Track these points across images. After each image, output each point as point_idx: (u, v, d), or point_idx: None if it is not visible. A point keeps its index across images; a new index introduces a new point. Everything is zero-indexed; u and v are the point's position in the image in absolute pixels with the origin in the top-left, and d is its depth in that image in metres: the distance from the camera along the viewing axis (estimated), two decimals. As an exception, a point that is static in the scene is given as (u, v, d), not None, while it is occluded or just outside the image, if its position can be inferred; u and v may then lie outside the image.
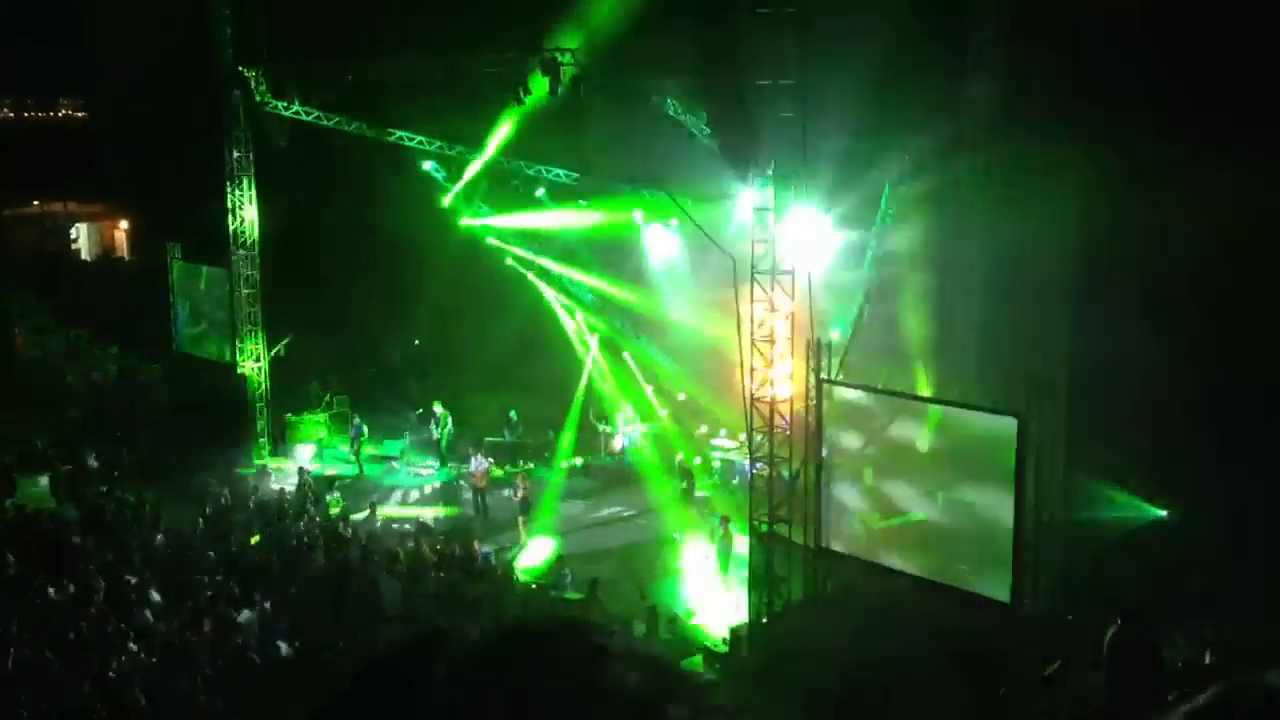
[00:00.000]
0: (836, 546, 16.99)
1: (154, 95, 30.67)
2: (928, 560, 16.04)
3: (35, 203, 44.69)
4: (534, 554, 21.81)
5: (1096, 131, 17.14)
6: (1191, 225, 15.65)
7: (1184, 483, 16.82)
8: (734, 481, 23.39)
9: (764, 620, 17.35)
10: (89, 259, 46.66)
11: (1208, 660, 13.77)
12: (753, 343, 17.05)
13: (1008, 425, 14.76)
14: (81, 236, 47.29)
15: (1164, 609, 14.65)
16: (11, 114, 47.75)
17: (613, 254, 26.91)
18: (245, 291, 27.14)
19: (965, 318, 20.78)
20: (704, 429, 25.41)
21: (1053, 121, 18.15)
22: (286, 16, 25.63)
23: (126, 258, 45.46)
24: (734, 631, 17.78)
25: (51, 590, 17.60)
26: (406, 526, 22.70)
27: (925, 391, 19.44)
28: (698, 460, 24.10)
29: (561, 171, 26.26)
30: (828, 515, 17.00)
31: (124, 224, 46.35)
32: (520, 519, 22.56)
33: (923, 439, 16.03)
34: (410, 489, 25.86)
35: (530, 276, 28.09)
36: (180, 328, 29.13)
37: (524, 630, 1.43)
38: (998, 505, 15.06)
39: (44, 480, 24.17)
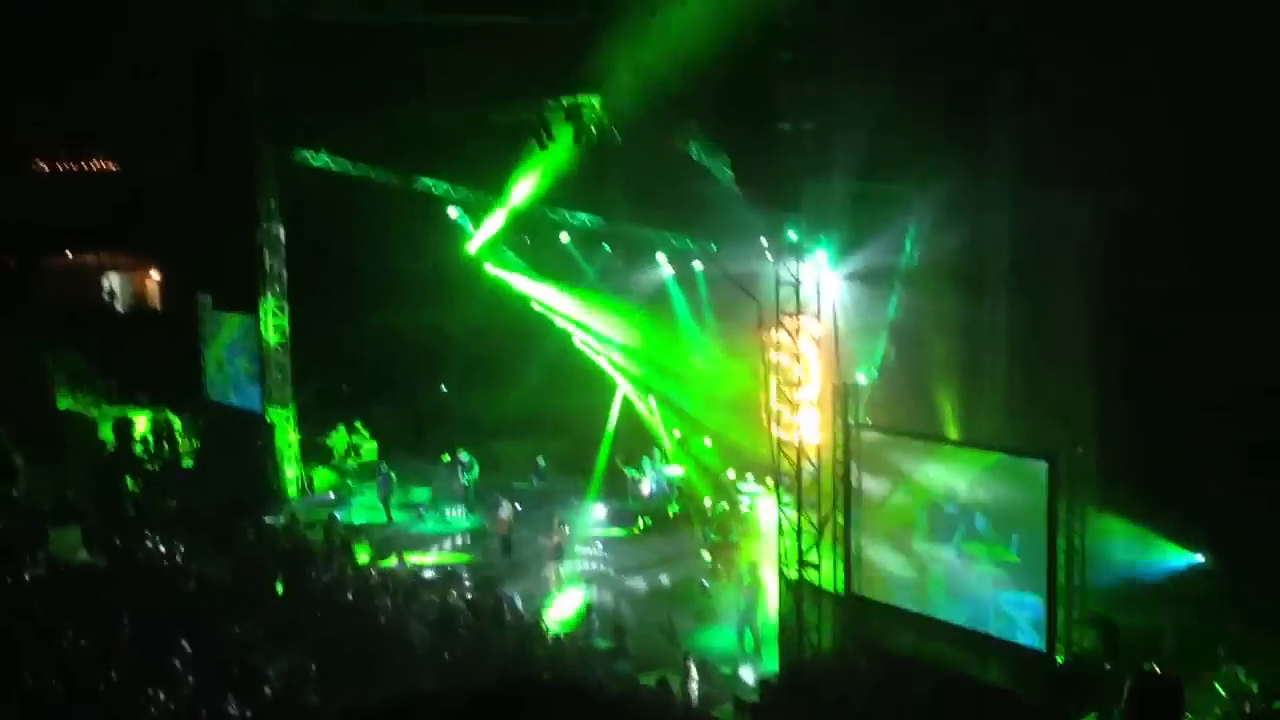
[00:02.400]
0: (867, 593, 16.81)
1: (184, 146, 31.12)
2: (960, 606, 15.85)
3: (69, 254, 45.27)
4: (562, 601, 21.71)
5: (1118, 180, 17.09)
6: (1215, 271, 15.56)
7: (1222, 527, 16.57)
8: (762, 527, 23.21)
9: (795, 668, 17.15)
10: (121, 309, 47.15)
11: (1248, 710, 13.53)
12: (779, 386, 16.97)
13: (1039, 469, 14.63)
14: (114, 287, 47.83)
15: (1202, 656, 14.41)
16: (46, 167, 48.53)
17: (637, 298, 26.98)
18: (275, 339, 27.30)
19: (993, 360, 20.65)
20: (731, 473, 25.28)
21: (1075, 168, 18.10)
22: (314, 68, 25.97)
23: (158, 308, 45.94)
24: (764, 680, 17.61)
25: (82, 640, 17.64)
26: (434, 574, 22.62)
27: (954, 435, 19.29)
28: (725, 505, 23.96)
29: (586, 217, 26.41)
30: (857, 561, 16.84)
31: (155, 274, 46.88)
32: (553, 565, 22.46)
33: (953, 483, 15.88)
34: (438, 537, 25.81)
35: (557, 321, 28.18)
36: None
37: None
38: (1031, 551, 14.89)
39: (76, 530, 24.30)
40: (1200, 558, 16.99)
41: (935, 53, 18.80)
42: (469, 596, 20.73)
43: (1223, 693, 14.22)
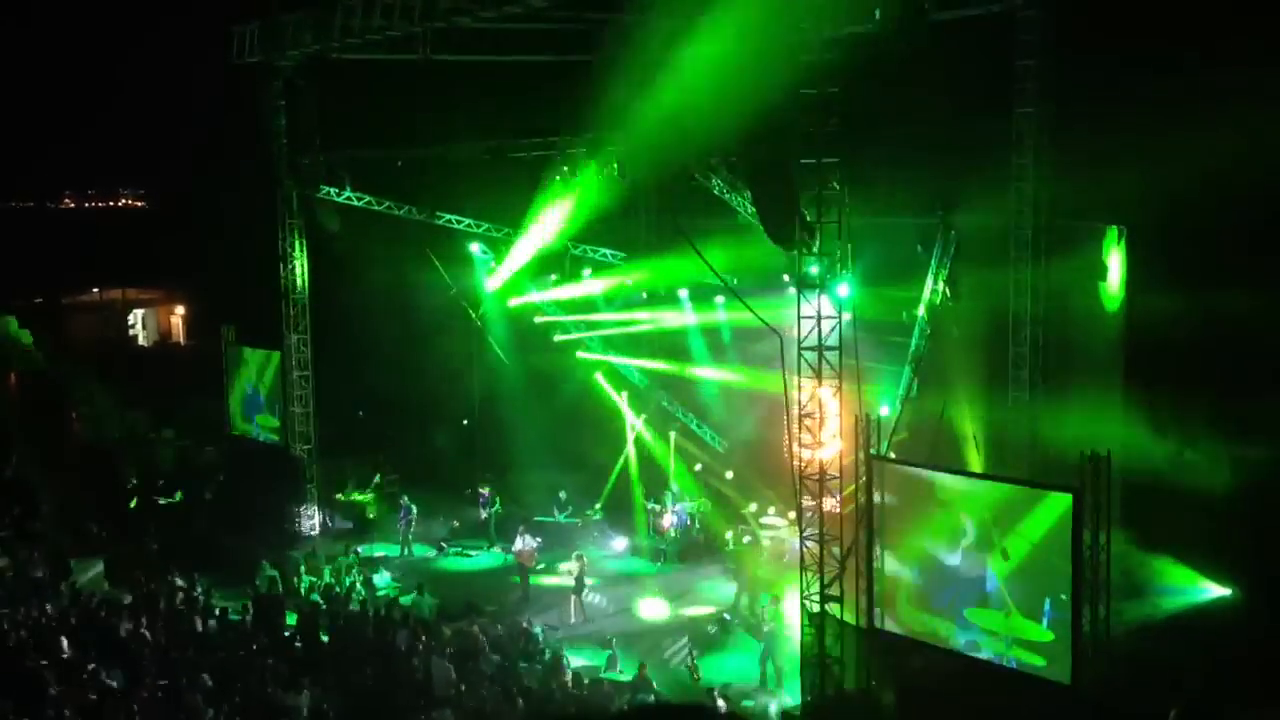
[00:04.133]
0: (890, 626, 16.68)
1: (210, 184, 31.46)
2: (985, 640, 15.69)
3: (95, 290, 45.73)
4: (583, 634, 21.64)
5: (1140, 206, 17.09)
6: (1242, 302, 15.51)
7: (1249, 560, 16.44)
8: (784, 559, 23.12)
9: (818, 702, 17.02)
10: (146, 344, 47.54)
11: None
12: (801, 419, 16.95)
13: (1063, 502, 14.51)
14: (139, 323, 48.25)
15: (1232, 688, 14.24)
16: (73, 204, 49.14)
17: (659, 331, 27.08)
18: (297, 374, 27.46)
19: (1016, 392, 20.60)
20: (753, 506, 25.22)
21: (1097, 196, 18.10)
22: (337, 105, 26.25)
23: (183, 342, 46.31)
24: (787, 714, 17.49)
25: (104, 674, 17.66)
26: (456, 608, 22.59)
27: (977, 468, 19.22)
28: (747, 539, 23.87)
29: (608, 251, 26.54)
30: (880, 594, 16.73)
31: (180, 309, 47.29)
32: (574, 598, 22.41)
33: (975, 515, 15.76)
34: (459, 570, 25.78)
35: (579, 355, 28.22)
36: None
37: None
38: (1056, 583, 14.75)
39: (99, 564, 24.39)
40: (1227, 591, 16.85)
41: (960, 89, 18.93)
42: (491, 630, 20.69)
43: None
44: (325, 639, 20.22)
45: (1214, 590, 17.15)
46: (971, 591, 15.46)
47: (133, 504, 28.74)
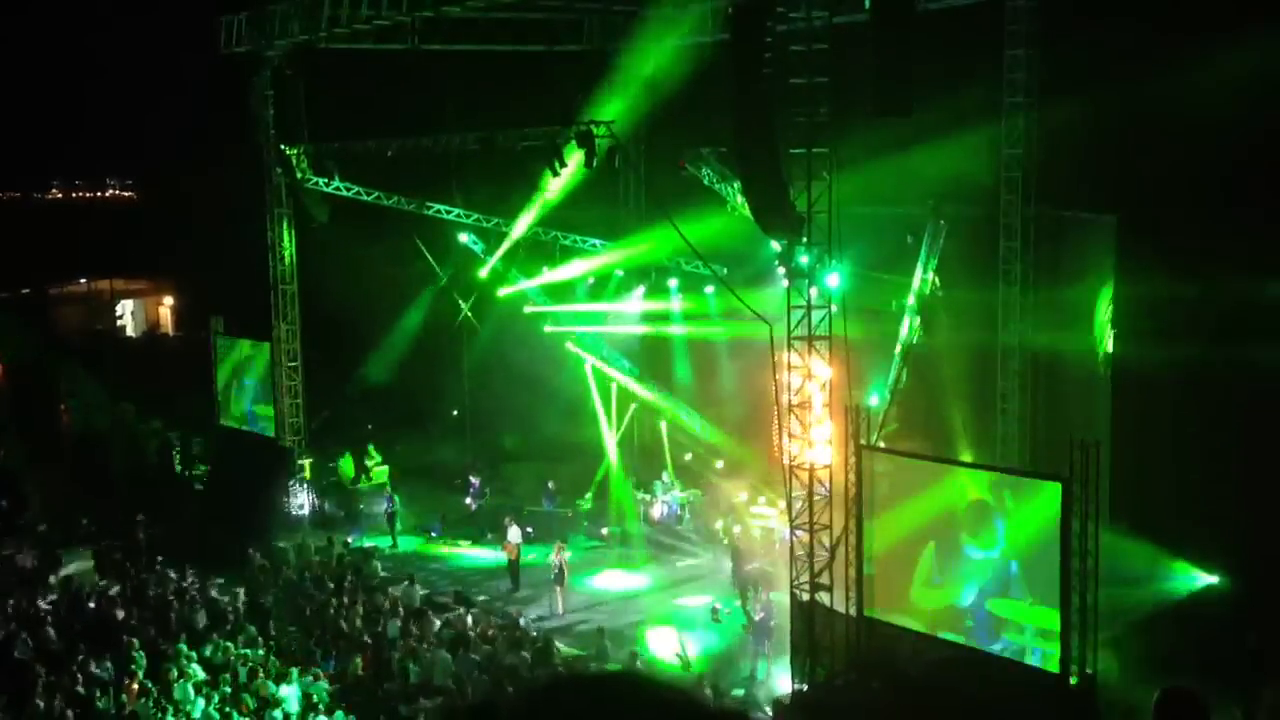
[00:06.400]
0: (879, 615, 16.72)
1: (198, 175, 31.37)
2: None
3: (83, 280, 45.56)
4: (573, 624, 21.65)
5: (1132, 197, 17.11)
6: (1229, 291, 15.52)
7: (1235, 546, 16.50)
8: (775, 549, 23.15)
9: (808, 691, 17.07)
10: (134, 335, 47.40)
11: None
12: (791, 409, 16.96)
13: (1052, 490, 14.55)
14: (127, 313, 48.08)
15: (1219, 674, 14.31)
16: (60, 194, 48.93)
17: (648, 322, 27.06)
18: (287, 365, 27.41)
19: (1007, 382, 20.66)
20: (743, 496, 25.24)
21: (1088, 185, 18.12)
22: (326, 95, 26.16)
23: (171, 333, 46.18)
24: (778, 702, 17.53)
25: (94, 666, 17.66)
26: (446, 597, 22.59)
27: (967, 457, 19.25)
28: (737, 528, 23.90)
29: (598, 241, 26.50)
30: (869, 583, 16.77)
31: (169, 300, 47.15)
32: (557, 589, 22.40)
33: (963, 504, 15.80)
34: (448, 560, 25.76)
35: (569, 345, 28.18)
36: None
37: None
38: (1045, 572, 14.81)
39: (88, 555, 24.34)
40: (1215, 579, 16.91)
41: (949, 79, 18.92)
42: (481, 619, 20.70)
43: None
44: (316, 629, 20.20)
45: (1203, 578, 17.22)
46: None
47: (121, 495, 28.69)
